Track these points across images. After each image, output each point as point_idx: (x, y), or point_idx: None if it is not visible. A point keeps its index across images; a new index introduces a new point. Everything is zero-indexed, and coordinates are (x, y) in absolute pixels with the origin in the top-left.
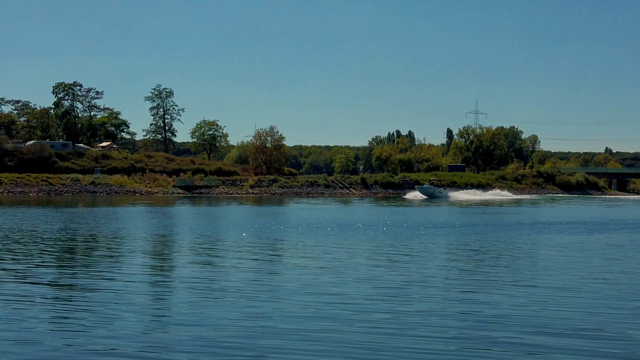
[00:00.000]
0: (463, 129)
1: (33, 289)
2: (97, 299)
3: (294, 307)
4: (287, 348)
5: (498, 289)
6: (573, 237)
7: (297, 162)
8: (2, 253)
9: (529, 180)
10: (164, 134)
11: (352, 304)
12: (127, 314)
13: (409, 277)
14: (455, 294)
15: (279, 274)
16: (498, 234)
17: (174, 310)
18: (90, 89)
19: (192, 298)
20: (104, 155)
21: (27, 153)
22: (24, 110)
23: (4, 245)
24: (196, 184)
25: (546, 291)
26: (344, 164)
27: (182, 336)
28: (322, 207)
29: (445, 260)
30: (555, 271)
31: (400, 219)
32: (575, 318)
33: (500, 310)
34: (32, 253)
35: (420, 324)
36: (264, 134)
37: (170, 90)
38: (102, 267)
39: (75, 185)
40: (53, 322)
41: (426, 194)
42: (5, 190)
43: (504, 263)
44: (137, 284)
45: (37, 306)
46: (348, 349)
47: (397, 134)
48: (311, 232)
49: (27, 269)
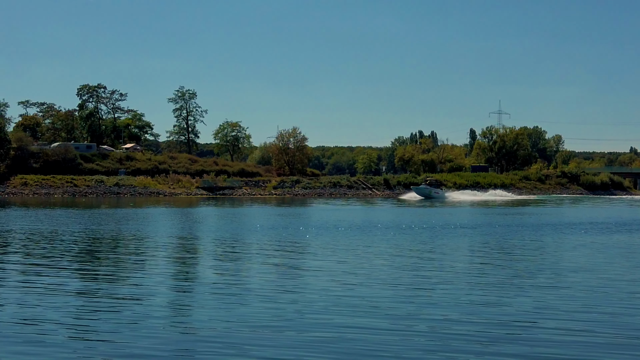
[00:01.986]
0: (486, 129)
1: (58, 289)
2: (122, 301)
3: (314, 310)
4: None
5: (524, 290)
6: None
7: (320, 163)
8: (29, 254)
9: (553, 181)
10: (187, 136)
11: (374, 306)
12: (151, 317)
13: (432, 279)
14: (477, 297)
15: (305, 276)
16: (522, 234)
17: (197, 313)
18: (114, 91)
19: (216, 300)
20: (128, 156)
21: (52, 155)
22: (49, 113)
23: (34, 246)
24: (219, 185)
25: (576, 293)
26: (367, 165)
27: (206, 340)
28: (344, 209)
29: (471, 261)
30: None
31: (426, 220)
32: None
33: (525, 312)
34: (58, 254)
35: (439, 325)
36: (287, 135)
37: (194, 91)
38: (127, 268)
39: (100, 186)
40: (76, 325)
41: (422, 194)
42: (30, 192)
43: (528, 264)
44: (162, 286)
45: (61, 308)
46: (376, 351)
47: (420, 134)
48: (335, 234)
49: (54, 268)
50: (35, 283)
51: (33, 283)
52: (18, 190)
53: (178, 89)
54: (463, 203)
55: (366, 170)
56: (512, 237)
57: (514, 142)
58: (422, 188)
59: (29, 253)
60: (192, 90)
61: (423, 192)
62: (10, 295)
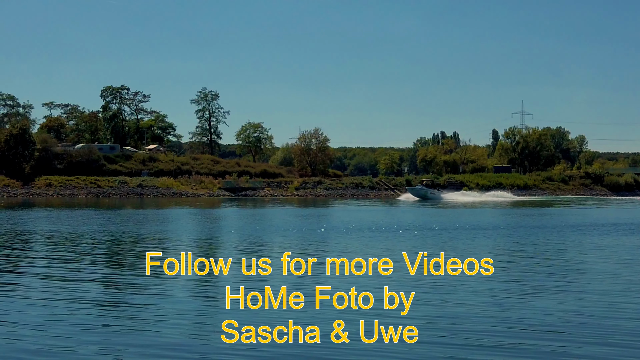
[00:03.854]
0: (509, 130)
1: (79, 290)
2: (143, 302)
3: (340, 312)
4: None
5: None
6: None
7: (342, 164)
8: (56, 256)
9: (577, 182)
10: (210, 137)
11: (383, 310)
12: (173, 320)
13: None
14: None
15: (326, 278)
16: (545, 236)
17: (219, 315)
18: (138, 93)
19: (236, 302)
20: (151, 157)
21: (76, 156)
22: (73, 114)
23: (60, 248)
24: (241, 186)
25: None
26: (389, 166)
27: (227, 343)
28: (367, 209)
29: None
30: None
31: (449, 221)
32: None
33: (551, 317)
34: (83, 255)
35: (464, 328)
36: (309, 135)
37: (216, 93)
38: (151, 269)
39: (123, 187)
40: (97, 328)
41: (418, 195)
42: (55, 193)
43: (550, 267)
44: (183, 288)
45: (82, 310)
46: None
47: (442, 135)
48: (360, 235)
49: (78, 270)
50: (55, 285)
51: (55, 285)
52: (42, 191)
53: (200, 90)
54: (466, 204)
55: (388, 171)
56: (545, 239)
57: (537, 143)
58: (418, 189)
59: (58, 253)
60: (215, 91)
61: (419, 193)
62: (33, 296)
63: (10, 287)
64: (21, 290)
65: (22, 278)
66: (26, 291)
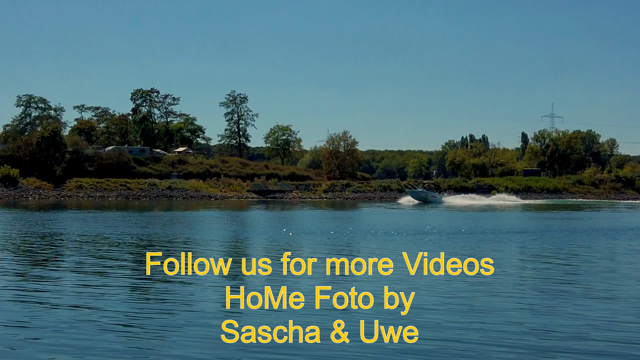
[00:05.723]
0: (538, 133)
1: (106, 291)
2: (169, 306)
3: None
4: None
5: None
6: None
7: (370, 167)
8: (86, 257)
9: (607, 185)
10: (238, 139)
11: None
12: (195, 324)
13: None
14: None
15: (357, 282)
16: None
17: (245, 318)
18: (167, 96)
19: (262, 305)
20: (180, 160)
21: (107, 158)
22: (104, 117)
23: (87, 250)
24: (270, 188)
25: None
26: (417, 169)
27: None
28: (395, 213)
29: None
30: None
31: (479, 225)
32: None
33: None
34: (113, 256)
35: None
36: (337, 138)
37: (245, 95)
38: (180, 271)
39: (153, 189)
40: (122, 330)
41: (418, 198)
42: (85, 195)
43: (580, 272)
44: (212, 289)
45: (108, 311)
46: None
47: (471, 138)
48: (390, 238)
49: (106, 271)
50: (89, 283)
51: (88, 283)
52: (73, 193)
53: (229, 93)
54: (469, 208)
55: (416, 174)
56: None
57: (567, 146)
58: (418, 192)
59: (92, 255)
60: (244, 94)
61: (419, 195)
62: (59, 299)
63: (37, 289)
64: (47, 293)
65: (48, 280)
66: (52, 293)
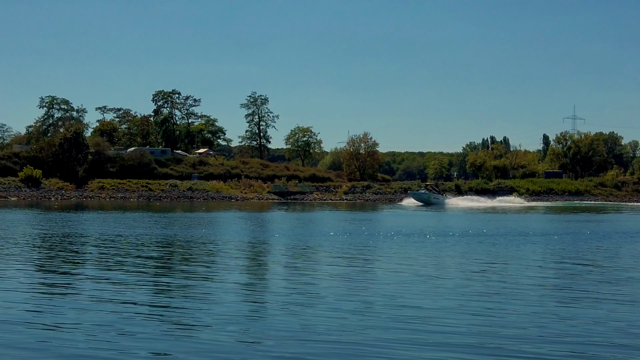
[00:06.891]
0: (560, 135)
1: (127, 293)
2: (191, 306)
3: (383, 320)
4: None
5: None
6: None
7: (390, 169)
8: (109, 258)
9: (630, 187)
10: (259, 141)
11: (434, 318)
12: (220, 325)
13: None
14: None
15: (374, 285)
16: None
17: (267, 320)
18: (188, 97)
19: (284, 307)
20: (201, 161)
21: (128, 159)
22: (125, 118)
23: (108, 250)
24: (290, 190)
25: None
26: (438, 170)
27: (272, 349)
28: (416, 214)
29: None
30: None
31: (505, 227)
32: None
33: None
34: (135, 257)
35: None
36: (358, 140)
37: (266, 97)
38: (201, 271)
39: (174, 191)
40: (141, 331)
41: (420, 200)
42: (107, 196)
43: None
44: (232, 290)
45: (127, 311)
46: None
47: (492, 140)
48: (412, 241)
49: (127, 272)
50: (106, 286)
51: (105, 286)
52: (95, 194)
53: (250, 95)
54: (472, 209)
55: (437, 175)
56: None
57: (589, 148)
58: (420, 193)
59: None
60: (264, 95)
61: (422, 197)
62: (80, 299)
63: (59, 291)
64: (69, 294)
65: (70, 281)
66: (74, 294)
